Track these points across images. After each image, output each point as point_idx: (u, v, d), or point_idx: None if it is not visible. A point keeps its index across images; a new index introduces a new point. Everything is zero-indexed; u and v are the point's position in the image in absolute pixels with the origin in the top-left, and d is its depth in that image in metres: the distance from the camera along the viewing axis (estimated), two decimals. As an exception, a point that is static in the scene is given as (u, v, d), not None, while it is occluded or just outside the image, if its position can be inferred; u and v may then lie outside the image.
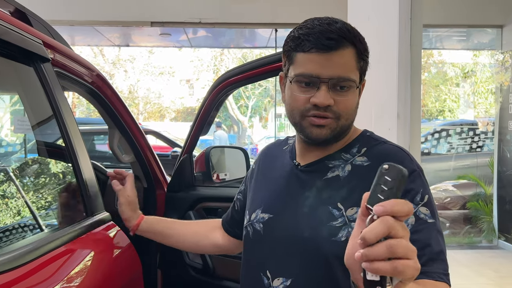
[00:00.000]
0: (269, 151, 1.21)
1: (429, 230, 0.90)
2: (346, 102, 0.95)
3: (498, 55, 5.68)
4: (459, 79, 14.09)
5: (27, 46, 1.10)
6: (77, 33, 6.05)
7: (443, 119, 13.89)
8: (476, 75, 12.68)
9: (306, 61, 0.93)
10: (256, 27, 5.49)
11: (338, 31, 0.91)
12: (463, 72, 13.43)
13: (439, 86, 14.54)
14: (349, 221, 0.94)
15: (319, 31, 0.91)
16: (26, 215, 1.08)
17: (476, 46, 7.54)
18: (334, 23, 0.93)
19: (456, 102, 14.50)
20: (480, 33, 6.05)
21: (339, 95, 0.94)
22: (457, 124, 7.45)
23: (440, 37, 6.36)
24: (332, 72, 0.92)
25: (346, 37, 0.92)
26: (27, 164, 1.58)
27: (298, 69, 0.94)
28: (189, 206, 2.00)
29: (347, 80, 0.93)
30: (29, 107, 1.26)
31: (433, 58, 14.11)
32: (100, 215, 1.26)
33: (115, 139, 1.92)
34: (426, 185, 0.97)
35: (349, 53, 0.93)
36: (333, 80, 0.92)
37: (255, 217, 1.08)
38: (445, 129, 6.80)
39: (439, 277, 0.84)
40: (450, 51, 11.90)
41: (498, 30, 5.55)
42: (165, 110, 21.76)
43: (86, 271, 1.04)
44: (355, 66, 0.94)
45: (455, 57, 13.61)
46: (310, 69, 0.93)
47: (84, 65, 1.51)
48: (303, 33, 0.93)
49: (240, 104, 19.69)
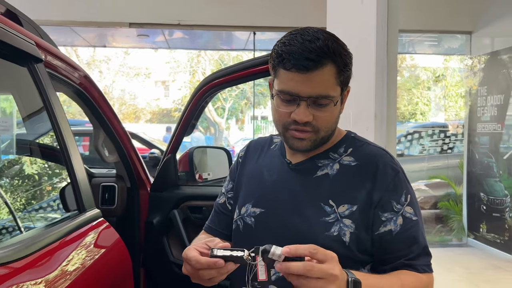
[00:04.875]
0: (254, 148, 1.26)
1: (415, 227, 1.03)
2: (325, 117, 1.01)
3: (467, 60, 5.90)
4: (430, 83, 14.48)
5: (21, 46, 1.13)
6: (52, 32, 5.94)
7: (415, 121, 14.24)
8: (447, 79, 13.07)
9: (287, 79, 0.98)
10: (235, 30, 5.55)
11: (318, 50, 0.96)
12: (435, 76, 13.81)
13: (411, 90, 14.91)
14: (340, 217, 1.02)
15: (300, 50, 0.96)
16: (20, 213, 1.11)
17: (447, 51, 7.79)
18: (315, 40, 0.97)
19: (428, 105, 14.90)
20: (450, 39, 6.27)
21: (319, 111, 1.00)
22: (428, 126, 7.69)
23: (413, 42, 6.56)
24: (311, 90, 0.97)
25: (326, 56, 0.96)
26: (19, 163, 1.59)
27: (281, 85, 1.00)
28: (173, 204, 2.04)
29: (326, 97, 0.99)
30: (23, 106, 1.28)
31: (405, 62, 14.46)
32: (92, 211, 1.29)
33: (100, 139, 1.95)
34: (409, 185, 1.07)
35: (328, 71, 0.97)
36: (312, 98, 0.98)
37: (245, 211, 1.14)
38: (417, 131, 7.01)
39: (422, 269, 1.01)
40: (422, 55, 12.23)
41: (467, 36, 5.77)
42: (140, 112, 21.54)
43: (79, 264, 1.08)
44: (334, 82, 0.99)
45: (427, 62, 14.00)
46: (290, 87, 0.98)
47: (72, 66, 1.54)
48: (285, 50, 0.98)
49: (217, 106, 19.67)
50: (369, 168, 1.05)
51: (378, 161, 1.06)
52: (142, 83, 20.36)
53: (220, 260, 0.87)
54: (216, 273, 0.90)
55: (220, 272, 0.89)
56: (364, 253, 1.03)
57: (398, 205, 1.02)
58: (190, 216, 2.03)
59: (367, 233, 1.02)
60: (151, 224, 2.03)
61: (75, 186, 1.23)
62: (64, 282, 0.95)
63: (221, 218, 1.26)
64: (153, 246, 2.05)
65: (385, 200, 1.02)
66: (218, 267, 0.87)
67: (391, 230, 1.01)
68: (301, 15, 4.66)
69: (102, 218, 1.36)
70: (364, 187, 1.03)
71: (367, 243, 1.02)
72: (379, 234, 1.02)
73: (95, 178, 2.16)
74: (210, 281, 0.93)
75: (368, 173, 1.04)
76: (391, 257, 1.02)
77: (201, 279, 0.93)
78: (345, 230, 1.01)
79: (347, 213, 1.02)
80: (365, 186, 1.03)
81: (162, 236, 2.03)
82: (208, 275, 0.90)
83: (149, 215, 2.08)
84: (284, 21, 4.90)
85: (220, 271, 0.89)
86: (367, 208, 1.02)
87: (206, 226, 1.28)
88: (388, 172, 1.04)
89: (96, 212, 1.32)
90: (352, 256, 1.01)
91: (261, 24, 5.09)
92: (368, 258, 1.04)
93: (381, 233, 1.02)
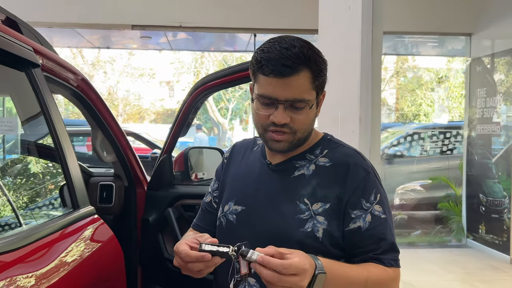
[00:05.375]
0: (238, 149, 1.33)
1: (383, 225, 1.10)
2: (301, 119, 1.09)
3: (468, 62, 5.94)
4: (434, 84, 14.49)
5: (19, 53, 1.20)
6: (57, 34, 6.05)
7: (419, 123, 14.22)
8: (450, 80, 13.07)
9: (266, 84, 1.06)
10: (235, 32, 5.62)
11: (294, 57, 1.03)
12: (437, 77, 13.82)
13: (415, 91, 14.91)
14: (314, 215, 1.09)
15: (278, 57, 1.03)
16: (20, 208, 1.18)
17: (448, 53, 7.83)
18: (292, 47, 1.04)
19: (432, 107, 14.90)
20: (452, 40, 6.30)
21: (295, 113, 1.07)
22: (429, 127, 7.71)
23: (416, 43, 6.60)
24: (288, 94, 1.05)
25: (301, 62, 1.04)
26: (17, 163, 1.67)
27: (260, 89, 1.08)
28: (168, 203, 2.11)
29: (301, 101, 1.06)
30: (21, 109, 1.35)
31: (407, 63, 14.48)
32: (86, 208, 1.36)
33: (98, 140, 2.02)
34: (379, 185, 1.14)
35: (304, 76, 1.05)
36: (289, 102, 1.06)
37: (228, 209, 1.21)
38: (417, 132, 7.06)
39: (389, 263, 1.09)
40: (424, 57, 12.26)
41: (467, 38, 5.80)
42: (144, 112, 21.67)
43: (70, 257, 1.15)
44: (309, 87, 1.07)
45: (429, 63, 14.01)
46: (269, 91, 1.06)
47: (70, 70, 1.62)
48: (264, 57, 1.05)
49: (221, 107, 19.77)
50: (341, 168, 1.12)
51: (350, 162, 1.13)
52: (147, 84, 20.49)
53: (208, 255, 0.95)
54: (203, 266, 0.98)
55: (207, 265, 0.97)
56: (337, 247, 1.10)
57: (367, 204, 1.09)
58: (184, 214, 2.10)
59: (338, 229, 1.09)
60: (147, 222, 2.10)
61: (69, 184, 1.30)
62: (55, 273, 1.02)
63: (207, 216, 1.32)
64: (148, 243, 2.12)
65: (355, 199, 1.09)
66: (205, 260, 0.95)
67: (360, 227, 1.08)
68: (300, 17, 4.73)
69: (97, 216, 1.44)
70: (336, 187, 1.10)
71: (339, 238, 1.10)
72: (349, 230, 1.09)
73: (94, 177, 2.24)
74: (199, 273, 1.01)
75: (340, 173, 1.11)
76: (360, 251, 1.09)
77: (191, 271, 1.01)
78: (318, 227, 1.08)
79: (320, 211, 1.09)
80: (337, 186, 1.10)
81: (158, 233, 2.10)
82: (197, 268, 0.98)
83: (145, 213, 2.15)
84: (284, 23, 4.97)
85: (207, 264, 0.97)
86: (339, 206, 1.09)
87: (194, 224, 1.35)
88: (358, 172, 1.11)
89: (90, 209, 1.39)
90: (325, 250, 1.07)
91: (261, 26, 5.17)
92: (341, 252, 1.11)
93: (351, 229, 1.09)
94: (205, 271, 1.00)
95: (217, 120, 19.20)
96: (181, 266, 1.02)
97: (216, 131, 19.93)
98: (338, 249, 1.10)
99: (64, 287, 1.05)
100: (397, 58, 13.86)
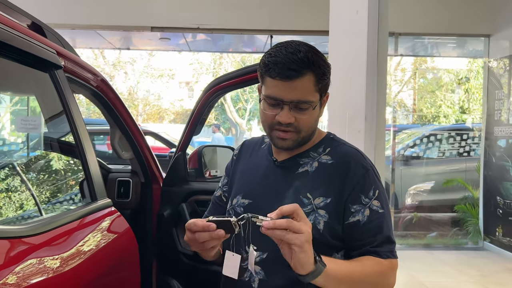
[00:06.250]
0: (247, 147, 1.42)
1: (381, 219, 1.17)
2: (305, 119, 1.17)
3: (486, 63, 5.89)
4: (454, 85, 14.29)
5: (43, 55, 1.30)
6: (79, 36, 6.23)
7: (438, 124, 14.05)
8: (470, 82, 12.89)
9: (273, 86, 1.14)
10: (252, 33, 5.71)
11: (299, 61, 1.11)
12: (457, 79, 13.63)
13: (434, 92, 14.74)
14: (316, 208, 1.17)
15: (284, 61, 1.11)
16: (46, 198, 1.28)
17: (469, 54, 7.75)
18: (297, 52, 1.12)
19: (452, 108, 14.70)
20: (472, 41, 6.26)
21: (300, 114, 1.16)
22: (446, 129, 7.65)
23: (435, 44, 6.57)
24: (293, 96, 1.13)
25: (306, 66, 1.12)
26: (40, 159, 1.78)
27: (267, 90, 1.16)
28: (182, 199, 2.20)
29: (306, 102, 1.15)
30: (44, 108, 1.46)
31: (426, 64, 14.32)
32: (103, 200, 1.46)
33: (116, 138, 2.12)
34: (378, 182, 1.21)
35: (308, 79, 1.13)
36: (294, 103, 1.14)
37: (236, 202, 1.30)
38: (434, 134, 7.01)
39: (385, 255, 1.16)
40: (443, 58, 12.11)
41: (485, 39, 5.76)
42: (164, 112, 21.96)
43: (87, 244, 1.24)
44: (313, 89, 1.15)
45: (449, 64, 13.83)
46: (275, 92, 1.14)
47: (90, 71, 1.72)
48: (271, 61, 1.13)
49: (239, 107, 19.89)
50: (342, 166, 1.20)
51: (350, 160, 1.21)
52: (166, 84, 20.77)
53: (212, 224, 1.02)
54: (208, 237, 1.04)
55: (212, 236, 1.03)
56: (337, 239, 1.17)
57: (366, 199, 1.17)
58: (197, 209, 2.19)
59: (338, 222, 1.17)
60: (162, 216, 2.20)
61: (88, 178, 1.40)
62: (73, 258, 1.12)
63: (217, 209, 1.41)
64: (163, 237, 2.22)
65: (354, 194, 1.17)
66: (210, 230, 1.02)
67: (359, 220, 1.16)
68: (314, 19, 4.79)
69: (114, 208, 1.53)
70: (337, 183, 1.18)
71: (338, 230, 1.17)
72: (349, 224, 1.16)
73: (112, 174, 2.34)
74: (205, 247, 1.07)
75: (342, 170, 1.19)
76: (358, 244, 1.16)
77: (198, 244, 1.07)
78: (319, 219, 1.16)
79: (322, 205, 1.16)
80: (338, 182, 1.18)
81: (172, 227, 2.19)
82: (202, 238, 1.04)
83: (161, 208, 2.25)
84: (299, 25, 5.05)
85: (212, 235, 1.03)
86: (339, 200, 1.17)
87: (204, 216, 1.43)
88: (358, 170, 1.19)
89: (107, 201, 1.48)
90: (326, 242, 1.15)
91: (278, 28, 5.24)
92: (340, 244, 1.18)
93: (350, 222, 1.16)
94: (210, 243, 1.06)
95: (235, 121, 19.33)
96: (190, 240, 1.08)
97: (233, 132, 20.06)
98: (338, 241, 1.18)
99: (82, 272, 1.14)
100: (415, 60, 13.73)
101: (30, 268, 0.93)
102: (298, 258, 0.98)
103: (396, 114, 8.42)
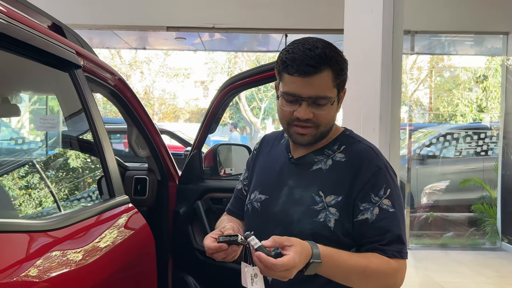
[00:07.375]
0: (267, 141, 1.44)
1: (390, 218, 1.17)
2: (323, 115, 1.18)
3: (505, 61, 5.80)
4: (472, 83, 14.08)
5: (63, 55, 1.34)
6: (96, 36, 6.32)
7: (455, 123, 13.86)
8: (488, 80, 12.68)
9: (291, 82, 1.15)
10: (267, 32, 5.72)
11: (317, 57, 1.12)
12: (475, 77, 13.43)
13: (451, 91, 14.55)
14: (327, 206, 1.18)
15: (302, 57, 1.13)
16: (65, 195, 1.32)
17: (487, 52, 7.63)
18: (315, 48, 1.13)
19: (469, 107, 14.48)
20: (491, 39, 6.16)
21: (318, 109, 1.17)
22: (463, 128, 7.54)
23: (452, 42, 6.49)
24: (311, 92, 1.14)
25: (324, 62, 1.13)
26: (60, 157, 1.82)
27: (285, 87, 1.17)
28: (198, 196, 2.23)
29: (323, 98, 1.16)
30: (64, 106, 1.50)
31: (442, 62, 14.13)
32: (121, 197, 1.49)
33: (133, 136, 2.16)
34: (390, 180, 1.21)
35: (326, 75, 1.14)
36: (312, 99, 1.15)
37: (254, 197, 1.32)
38: (451, 133, 6.93)
39: (392, 254, 1.15)
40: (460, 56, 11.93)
41: (504, 37, 5.68)
42: (179, 111, 22.09)
43: (105, 239, 1.27)
44: (331, 85, 1.16)
45: (467, 62, 13.62)
46: (293, 89, 1.15)
47: (108, 70, 1.75)
48: (289, 57, 1.15)
49: (253, 106, 19.91)
50: (355, 163, 1.20)
51: (363, 158, 1.21)
52: (182, 83, 20.88)
53: (224, 245, 1.11)
54: (224, 255, 1.12)
55: (227, 253, 1.12)
56: (348, 236, 1.18)
57: (376, 197, 1.17)
58: (212, 207, 2.21)
59: (348, 220, 1.18)
60: (178, 214, 2.23)
61: (106, 175, 1.43)
62: (92, 252, 1.15)
63: (238, 202, 1.45)
64: (179, 234, 2.25)
65: (364, 192, 1.17)
66: (223, 249, 1.11)
67: (368, 219, 1.16)
68: (328, 18, 4.78)
69: (131, 204, 1.56)
70: (348, 181, 1.18)
71: (349, 228, 1.18)
72: (358, 221, 1.17)
73: (129, 171, 2.39)
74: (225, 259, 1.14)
75: (354, 168, 1.20)
76: (366, 241, 1.17)
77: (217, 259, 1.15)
78: (330, 217, 1.17)
79: (333, 203, 1.18)
80: (350, 180, 1.18)
81: (187, 224, 2.22)
82: (220, 257, 1.13)
83: (176, 205, 2.28)
84: (313, 23, 5.04)
85: (226, 252, 1.12)
86: (350, 198, 1.17)
87: (227, 208, 1.50)
88: (370, 168, 1.19)
89: (124, 198, 1.52)
90: (337, 240, 1.16)
91: (292, 27, 5.25)
92: (352, 241, 1.19)
93: (359, 220, 1.17)
94: (229, 258, 1.13)
95: (249, 120, 19.36)
96: (211, 256, 1.16)
97: (248, 130, 20.09)
98: (349, 238, 1.18)
99: (101, 266, 1.18)
100: (431, 58, 13.55)
101: (55, 260, 0.96)
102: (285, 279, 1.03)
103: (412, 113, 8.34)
